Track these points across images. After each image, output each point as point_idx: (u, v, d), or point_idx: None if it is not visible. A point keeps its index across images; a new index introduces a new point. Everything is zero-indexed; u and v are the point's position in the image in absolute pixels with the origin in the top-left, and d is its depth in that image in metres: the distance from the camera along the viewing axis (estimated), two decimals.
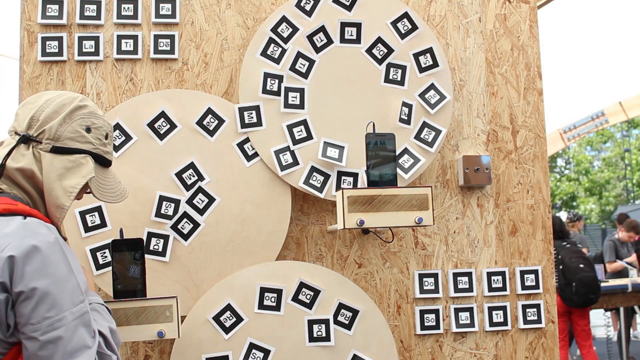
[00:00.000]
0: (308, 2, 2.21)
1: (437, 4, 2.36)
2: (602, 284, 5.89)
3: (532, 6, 2.43)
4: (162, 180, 2.11)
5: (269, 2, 2.27)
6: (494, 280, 2.28)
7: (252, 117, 2.15)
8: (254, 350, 2.04)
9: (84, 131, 1.49)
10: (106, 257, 2.04)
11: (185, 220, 2.10)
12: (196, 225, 2.10)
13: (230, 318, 2.05)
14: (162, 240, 2.08)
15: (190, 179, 2.11)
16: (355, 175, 2.16)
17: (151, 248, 2.07)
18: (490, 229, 2.31)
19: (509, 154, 2.35)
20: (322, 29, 2.20)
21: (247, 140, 2.15)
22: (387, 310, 2.22)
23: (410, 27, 2.24)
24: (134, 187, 2.08)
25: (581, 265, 5.19)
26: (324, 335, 2.07)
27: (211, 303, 2.05)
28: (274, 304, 2.07)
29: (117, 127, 2.10)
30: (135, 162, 2.11)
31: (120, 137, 2.10)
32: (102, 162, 1.56)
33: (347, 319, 2.09)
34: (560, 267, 5.23)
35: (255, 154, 2.15)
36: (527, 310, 2.28)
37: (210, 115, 2.15)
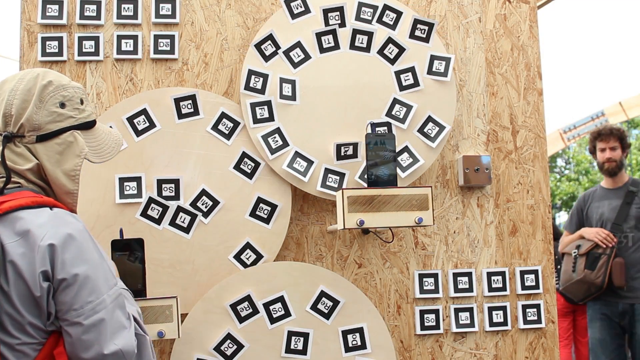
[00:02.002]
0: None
1: (437, 4, 2.36)
2: None
3: (532, 6, 2.43)
4: (193, 177, 2.11)
5: (269, 2, 2.27)
6: (494, 280, 2.28)
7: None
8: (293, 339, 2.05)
9: (59, 109, 1.46)
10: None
11: (161, 209, 2.07)
12: (159, 221, 2.08)
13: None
14: (136, 189, 2.08)
15: (204, 204, 2.10)
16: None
17: (125, 192, 2.07)
18: (490, 229, 2.31)
19: (509, 154, 2.35)
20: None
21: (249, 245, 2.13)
22: (387, 310, 2.22)
23: (437, 130, 2.21)
24: (177, 150, 2.12)
25: None
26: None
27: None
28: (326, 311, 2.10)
29: (225, 116, 2.14)
30: (199, 148, 2.13)
31: (228, 125, 2.15)
32: (87, 126, 1.53)
33: None
34: (558, 267, 5.22)
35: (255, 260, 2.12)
36: (527, 310, 2.28)
37: (266, 207, 2.14)
